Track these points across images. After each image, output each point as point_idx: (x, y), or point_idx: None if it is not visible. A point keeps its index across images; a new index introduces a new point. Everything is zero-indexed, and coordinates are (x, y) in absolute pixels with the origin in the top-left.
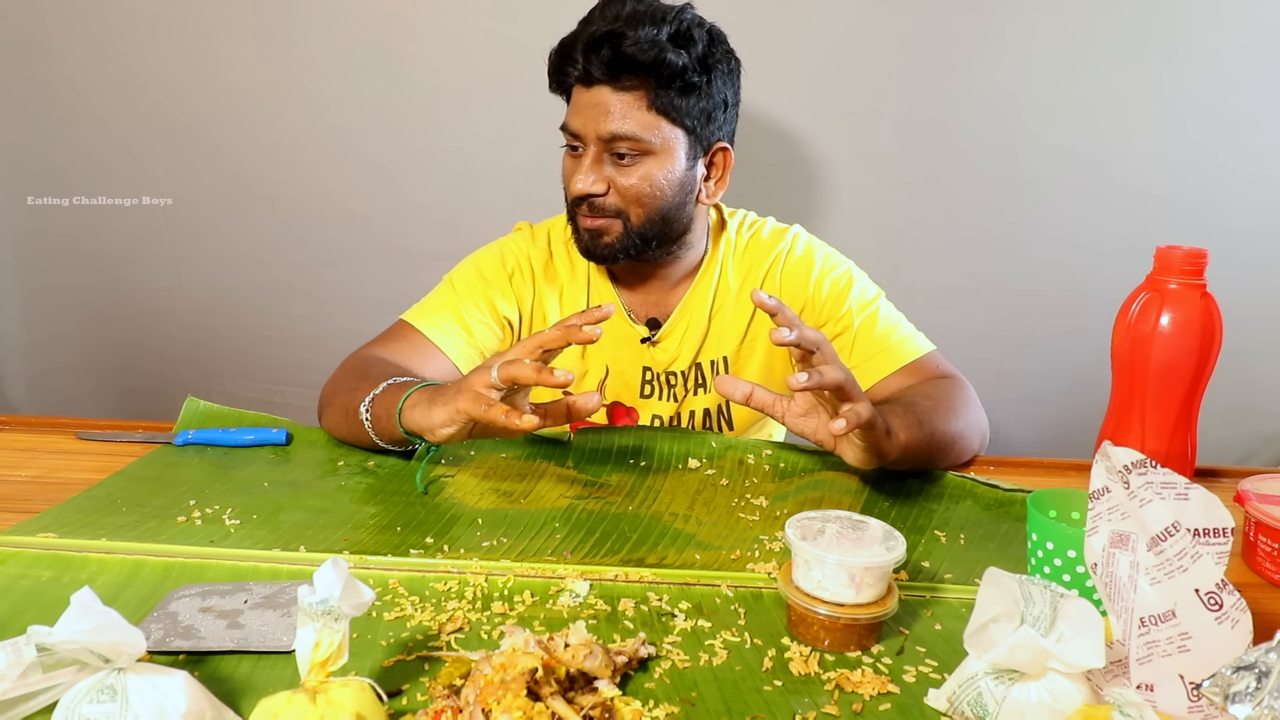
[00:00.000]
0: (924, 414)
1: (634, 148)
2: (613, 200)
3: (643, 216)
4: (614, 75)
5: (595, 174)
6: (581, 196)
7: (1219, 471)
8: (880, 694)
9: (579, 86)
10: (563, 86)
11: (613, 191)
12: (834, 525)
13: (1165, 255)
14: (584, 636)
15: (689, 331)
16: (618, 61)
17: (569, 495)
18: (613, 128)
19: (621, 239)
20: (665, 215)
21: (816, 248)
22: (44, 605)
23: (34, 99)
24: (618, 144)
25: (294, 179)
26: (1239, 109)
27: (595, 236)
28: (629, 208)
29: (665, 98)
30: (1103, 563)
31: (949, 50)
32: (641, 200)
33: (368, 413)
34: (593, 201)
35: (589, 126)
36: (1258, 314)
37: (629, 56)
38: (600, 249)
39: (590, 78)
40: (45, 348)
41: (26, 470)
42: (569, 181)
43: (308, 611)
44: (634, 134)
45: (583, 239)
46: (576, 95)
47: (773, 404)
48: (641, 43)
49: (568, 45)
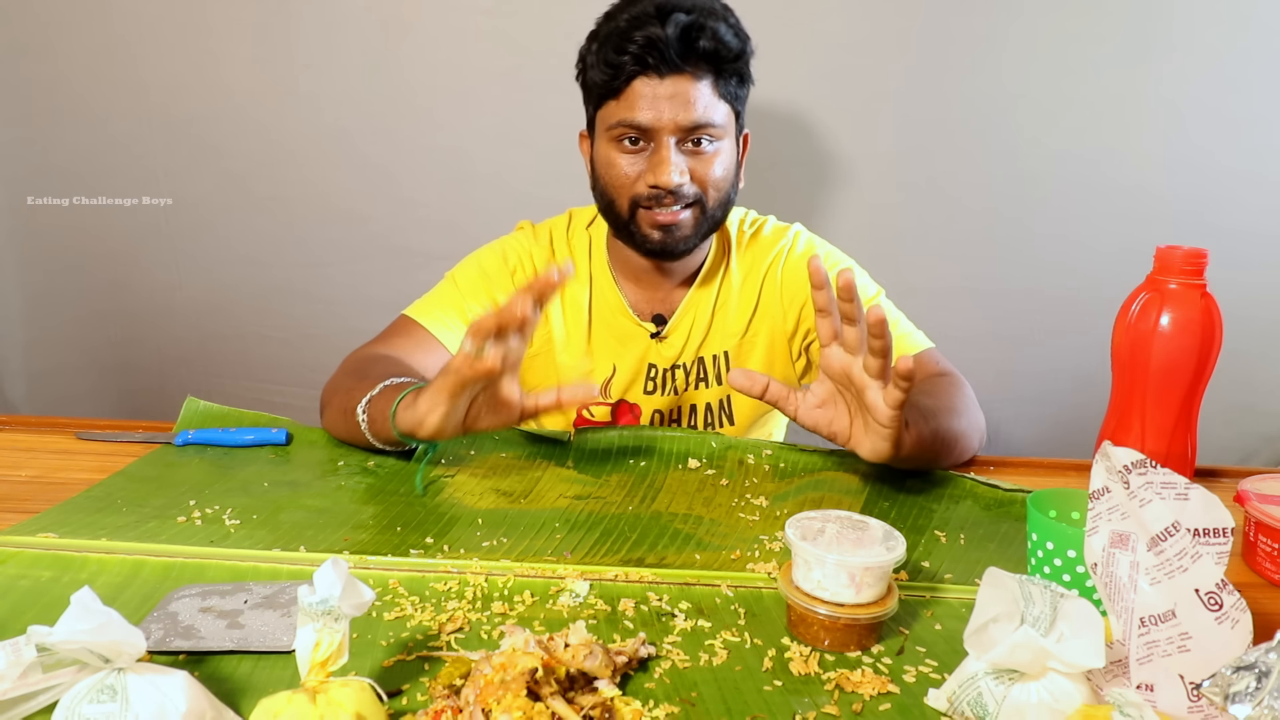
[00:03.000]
0: (929, 412)
1: (714, 135)
2: (692, 188)
3: (715, 203)
4: (693, 65)
5: (680, 165)
6: (667, 189)
7: (1219, 471)
8: (880, 694)
9: (646, 78)
10: (615, 78)
11: (693, 179)
12: (834, 525)
13: (1165, 255)
14: (584, 636)
15: (694, 327)
16: (703, 52)
17: (569, 495)
18: (698, 116)
19: (695, 228)
20: (728, 201)
21: (817, 245)
22: (44, 605)
23: (34, 99)
24: (700, 132)
25: (294, 179)
26: (1239, 109)
27: (670, 230)
28: (706, 196)
29: (727, 84)
30: (1103, 563)
31: (949, 50)
32: (718, 187)
33: (364, 415)
34: (677, 192)
35: (666, 117)
36: (1258, 314)
37: (713, 46)
38: (676, 243)
39: (667, 67)
40: (45, 347)
41: (26, 470)
42: (654, 177)
43: (308, 611)
44: (716, 121)
45: (653, 236)
46: (641, 87)
47: (786, 397)
48: (723, 33)
49: (633, 36)
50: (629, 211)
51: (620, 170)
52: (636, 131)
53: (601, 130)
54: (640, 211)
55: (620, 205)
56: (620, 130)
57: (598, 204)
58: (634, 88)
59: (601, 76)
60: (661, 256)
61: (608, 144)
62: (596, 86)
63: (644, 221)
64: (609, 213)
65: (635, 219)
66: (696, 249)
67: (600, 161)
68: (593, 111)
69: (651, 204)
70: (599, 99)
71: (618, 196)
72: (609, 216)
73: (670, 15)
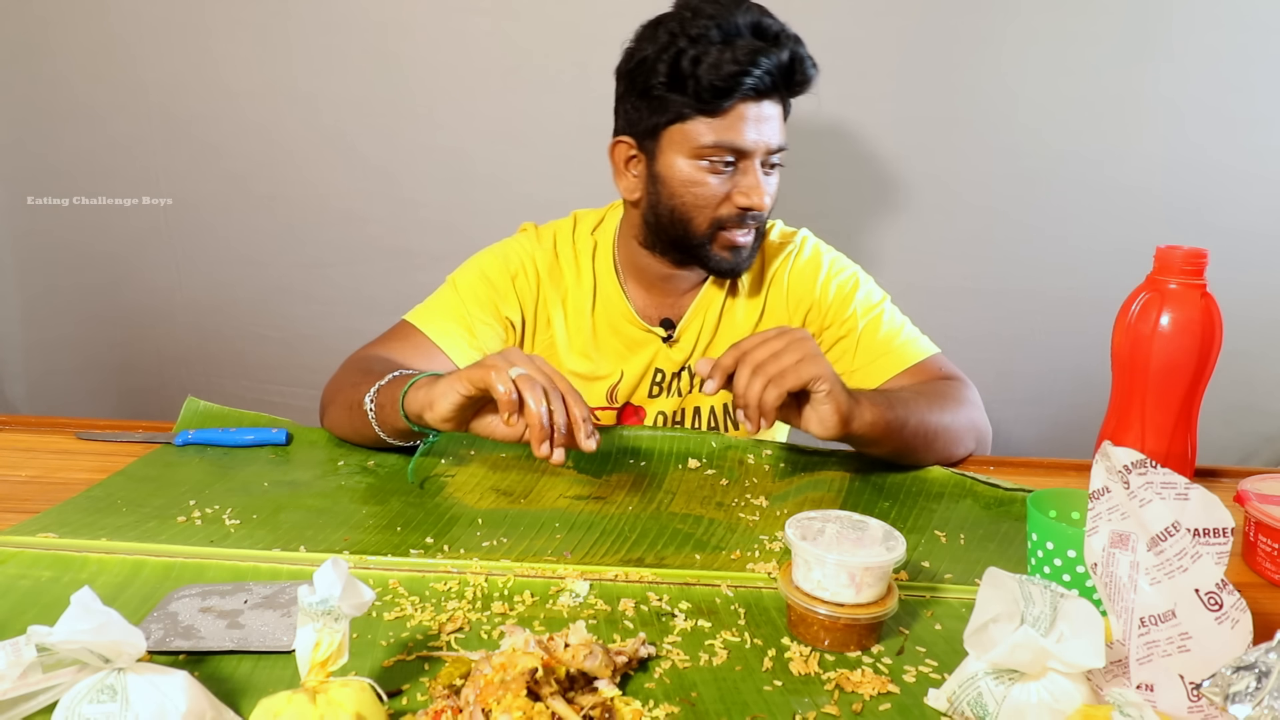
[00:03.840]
0: (899, 400)
1: (783, 158)
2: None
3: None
4: (780, 90)
5: (768, 188)
6: (759, 211)
7: (1219, 471)
8: (880, 694)
9: (747, 101)
10: (724, 98)
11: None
12: (834, 525)
13: (1165, 255)
14: (584, 636)
15: (702, 330)
16: (796, 79)
17: (569, 495)
18: (782, 140)
19: (754, 248)
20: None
21: (824, 251)
22: (44, 605)
23: (34, 99)
24: (777, 154)
25: (294, 179)
26: (1238, 109)
27: (740, 251)
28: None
29: (788, 107)
30: (1103, 563)
31: (949, 50)
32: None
33: (372, 404)
34: (758, 214)
35: (762, 140)
36: (1258, 314)
37: (806, 76)
38: (743, 263)
39: (767, 92)
40: (45, 348)
41: (26, 470)
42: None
43: (308, 611)
44: (786, 144)
45: (727, 256)
46: (745, 110)
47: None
48: (808, 63)
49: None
50: (709, 230)
51: (711, 190)
52: (734, 153)
53: (684, 146)
54: (720, 233)
55: (699, 225)
56: (716, 150)
57: (660, 219)
58: (739, 109)
59: (707, 94)
60: (730, 274)
61: (692, 161)
62: (686, 102)
63: (722, 242)
64: (681, 230)
65: (714, 239)
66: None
67: (679, 179)
68: (664, 122)
69: (733, 225)
70: (679, 113)
71: (698, 216)
72: (678, 233)
73: (777, 38)
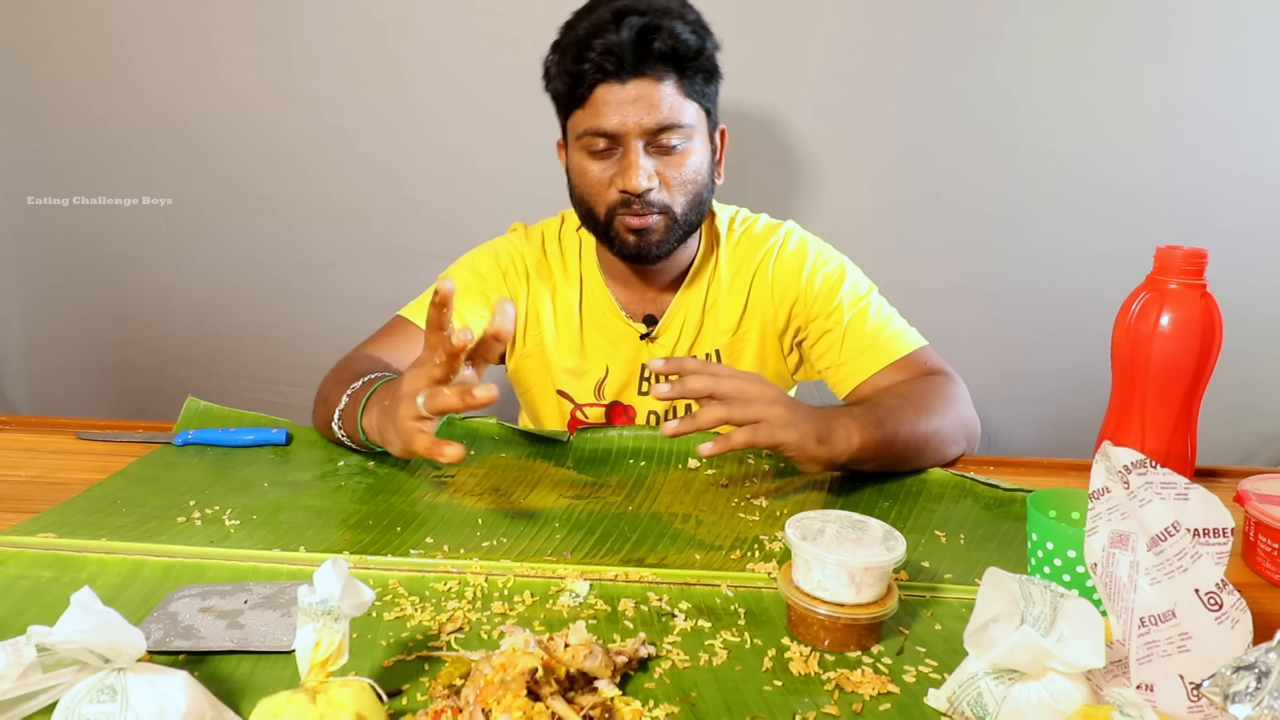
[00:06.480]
0: (887, 414)
1: (684, 134)
2: (660, 195)
3: (687, 205)
4: (652, 67)
5: (648, 168)
6: (636, 194)
7: (1219, 471)
8: (880, 694)
9: (608, 84)
10: (577, 87)
11: (661, 185)
12: (834, 525)
13: (1165, 255)
14: (584, 636)
15: (685, 326)
16: (660, 53)
17: (569, 495)
18: (663, 118)
19: (669, 232)
20: (703, 200)
21: (810, 242)
22: (44, 605)
23: (34, 99)
24: (668, 134)
25: (294, 179)
26: (1238, 110)
27: (644, 234)
28: (677, 198)
29: (692, 83)
30: (1103, 563)
31: (949, 51)
32: (688, 188)
33: (340, 428)
34: (645, 198)
35: (632, 121)
36: (1258, 314)
37: (672, 47)
38: (649, 247)
39: (626, 72)
40: (45, 347)
41: (26, 470)
42: (623, 181)
43: (308, 611)
44: (684, 122)
45: (628, 241)
46: (604, 93)
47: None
48: (681, 32)
49: (591, 44)
50: (606, 218)
51: (593, 177)
52: (604, 138)
53: (572, 139)
54: (616, 217)
55: (597, 212)
56: (588, 139)
57: (577, 212)
58: (597, 95)
59: (564, 86)
60: (639, 260)
61: (579, 152)
62: (561, 96)
63: (620, 227)
64: (588, 220)
65: (612, 225)
66: (679, 250)
67: (574, 170)
68: (563, 120)
69: (622, 209)
70: (566, 109)
71: (593, 204)
72: (588, 224)
73: (625, 19)
